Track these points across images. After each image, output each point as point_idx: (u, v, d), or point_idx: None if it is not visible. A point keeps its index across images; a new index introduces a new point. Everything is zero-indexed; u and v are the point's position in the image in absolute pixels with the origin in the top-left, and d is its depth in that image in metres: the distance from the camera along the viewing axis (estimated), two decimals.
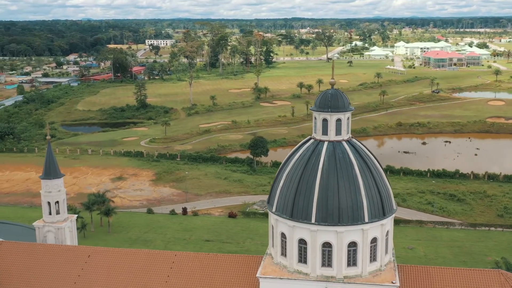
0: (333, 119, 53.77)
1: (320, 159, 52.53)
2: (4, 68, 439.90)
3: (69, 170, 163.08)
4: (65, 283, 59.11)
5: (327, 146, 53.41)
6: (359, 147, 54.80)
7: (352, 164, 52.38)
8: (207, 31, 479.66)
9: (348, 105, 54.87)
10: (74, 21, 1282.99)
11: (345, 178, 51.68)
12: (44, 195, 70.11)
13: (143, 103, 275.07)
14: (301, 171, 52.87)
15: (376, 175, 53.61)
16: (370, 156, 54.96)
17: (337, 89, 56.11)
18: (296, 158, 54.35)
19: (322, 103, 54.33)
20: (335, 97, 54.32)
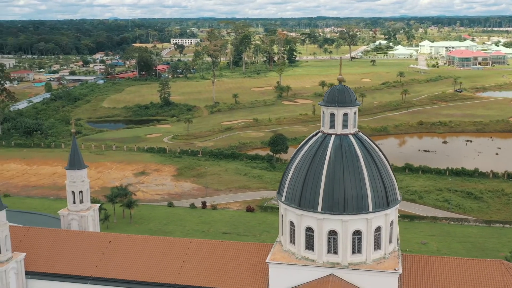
0: (340, 114, 56.43)
1: (327, 152, 55.26)
2: (33, 66, 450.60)
3: (94, 165, 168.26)
4: (87, 266, 62.97)
5: (334, 139, 56.10)
6: (365, 141, 57.31)
7: (357, 156, 54.97)
8: (231, 30, 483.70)
9: (355, 100, 57.45)
10: (101, 20, 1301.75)
11: (350, 169, 54.32)
12: (69, 185, 74.21)
13: (166, 101, 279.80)
14: (309, 162, 55.70)
15: (381, 167, 56.07)
16: (375, 149, 57.43)
17: (345, 85, 58.54)
18: (304, 150, 57.21)
19: (330, 98, 57.04)
20: (342, 92, 56.96)
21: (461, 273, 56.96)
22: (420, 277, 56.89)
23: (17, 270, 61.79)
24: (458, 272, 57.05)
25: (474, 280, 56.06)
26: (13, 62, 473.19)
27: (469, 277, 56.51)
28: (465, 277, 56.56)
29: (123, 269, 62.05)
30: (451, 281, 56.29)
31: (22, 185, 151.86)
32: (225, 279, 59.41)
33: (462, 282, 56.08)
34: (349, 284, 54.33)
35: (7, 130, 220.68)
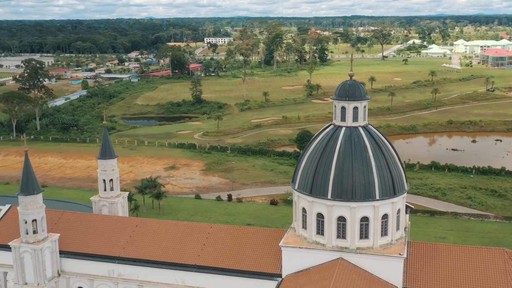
0: (351, 107, 59.90)
1: (338, 143, 58.86)
2: (71, 64, 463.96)
3: (126, 159, 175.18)
4: (115, 247, 68.10)
5: (344, 131, 59.64)
6: (374, 133, 60.62)
7: (366, 147, 58.38)
8: (263, 29, 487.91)
9: (365, 94, 60.81)
10: (137, 19, 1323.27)
11: (359, 159, 57.78)
12: (100, 173, 79.62)
13: (198, 99, 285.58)
14: (320, 153, 59.40)
15: (389, 158, 59.30)
16: (384, 142, 60.68)
17: (355, 80, 61.92)
18: (316, 141, 60.95)
19: (341, 93, 60.60)
20: (353, 87, 60.40)
21: (465, 260, 59.70)
22: (425, 263, 59.86)
23: (52, 249, 67.30)
24: (462, 259, 59.80)
25: (477, 266, 58.75)
26: (52, 60, 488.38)
27: (473, 263, 59.20)
28: (469, 263, 59.27)
29: (148, 250, 66.92)
30: (455, 267, 59.08)
31: (59, 177, 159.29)
32: (241, 262, 63.59)
33: (465, 268, 58.82)
34: (356, 268, 57.79)
35: (45, 126, 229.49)
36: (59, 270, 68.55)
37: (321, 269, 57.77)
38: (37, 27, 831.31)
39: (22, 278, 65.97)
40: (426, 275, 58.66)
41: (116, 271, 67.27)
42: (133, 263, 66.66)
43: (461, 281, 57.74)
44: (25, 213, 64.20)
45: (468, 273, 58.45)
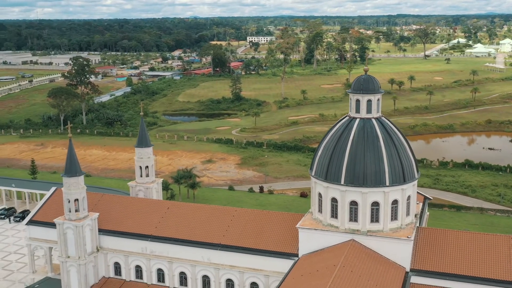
0: (365, 100, 64.31)
1: (352, 133, 63.44)
2: (116, 62, 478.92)
3: (166, 153, 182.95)
4: (148, 226, 74.60)
5: (358, 122, 64.15)
6: (387, 125, 64.86)
7: (378, 137, 62.72)
8: (304, 28, 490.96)
9: (378, 88, 65.05)
10: (181, 19, 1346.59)
11: (370, 148, 62.17)
12: (137, 161, 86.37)
13: (237, 96, 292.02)
14: (335, 142, 64.11)
15: (400, 148, 63.47)
16: (396, 133, 64.86)
17: (370, 75, 66.22)
18: (333, 131, 65.70)
19: (356, 86, 65.07)
20: (367, 81, 64.76)
21: (472, 245, 63.31)
22: (433, 247, 63.73)
23: (92, 226, 74.28)
24: (469, 244, 63.43)
25: (482, 251, 62.27)
26: (99, 58, 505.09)
27: (479, 248, 62.76)
28: (475, 248, 62.87)
29: (177, 230, 73.09)
30: (462, 251, 62.76)
31: (102, 168, 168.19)
32: (262, 242, 68.98)
33: (471, 252, 62.43)
34: (367, 249, 62.21)
35: (91, 120, 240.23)
36: (98, 246, 75.53)
37: (334, 249, 62.43)
38: (85, 26, 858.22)
39: (65, 252, 73.17)
40: (433, 258, 62.55)
41: (149, 248, 73.74)
42: (164, 241, 72.95)
43: (466, 264, 61.40)
44: (69, 193, 71.34)
45: (473, 257, 62.06)
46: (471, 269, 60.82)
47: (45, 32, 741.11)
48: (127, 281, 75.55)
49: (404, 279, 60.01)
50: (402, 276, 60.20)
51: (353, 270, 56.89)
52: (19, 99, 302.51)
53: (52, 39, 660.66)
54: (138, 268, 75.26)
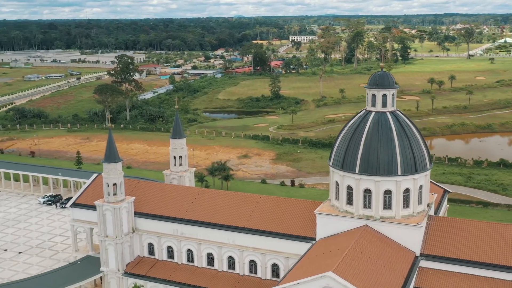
0: (380, 94, 68.50)
1: (367, 125, 67.78)
2: (160, 61, 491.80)
3: (204, 148, 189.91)
4: (180, 210, 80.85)
5: (373, 115, 68.41)
6: (401, 118, 68.89)
7: (391, 129, 66.84)
8: (345, 27, 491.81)
9: (393, 84, 69.11)
10: (226, 18, 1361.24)
11: (384, 140, 66.35)
12: (171, 151, 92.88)
13: (276, 94, 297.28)
14: (351, 133, 68.59)
15: (412, 140, 67.38)
16: (410, 126, 68.82)
17: (386, 71, 70.32)
18: (350, 124, 70.20)
19: (372, 82, 69.34)
20: (382, 77, 68.94)
21: (481, 233, 66.59)
22: (444, 234, 67.35)
23: (128, 209, 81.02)
24: (479, 233, 66.74)
25: (490, 239, 65.51)
26: (143, 57, 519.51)
27: (487, 237, 66.01)
28: (484, 237, 66.14)
29: (206, 214, 79.03)
30: (471, 239, 66.17)
31: (143, 161, 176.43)
32: (283, 226, 74.11)
33: (480, 240, 65.76)
34: (379, 234, 66.41)
35: (135, 116, 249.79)
36: (134, 227, 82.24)
37: (348, 233, 66.89)
38: (132, 25, 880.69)
39: (104, 231, 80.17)
40: (443, 245, 66.23)
41: (180, 230, 79.91)
42: (193, 224, 78.98)
43: (474, 250, 64.83)
44: (108, 177, 78.27)
45: (482, 244, 65.41)
46: (479, 255, 64.19)
47: (93, 31, 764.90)
48: (159, 261, 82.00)
49: (413, 262, 63.97)
50: (412, 260, 64.17)
51: (364, 251, 61.26)
52: (68, 96, 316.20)
53: (99, 38, 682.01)
54: (170, 248, 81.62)
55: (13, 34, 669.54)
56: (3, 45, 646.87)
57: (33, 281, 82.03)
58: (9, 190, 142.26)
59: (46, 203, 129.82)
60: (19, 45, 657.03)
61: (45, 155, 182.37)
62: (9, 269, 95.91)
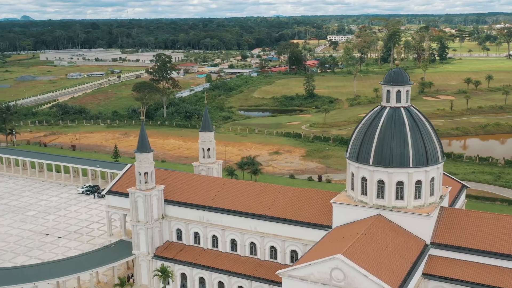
0: (394, 91, 72.15)
1: (381, 119, 71.52)
2: (198, 60, 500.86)
3: (236, 144, 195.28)
4: (206, 198, 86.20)
5: (388, 111, 72.09)
6: (415, 113, 72.36)
7: (404, 124, 70.37)
8: (383, 27, 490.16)
9: (408, 80, 72.63)
10: (264, 18, 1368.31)
11: (397, 133, 69.94)
12: (200, 143, 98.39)
13: (310, 93, 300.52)
14: (366, 127, 72.45)
15: (425, 134, 70.74)
16: (423, 121, 72.20)
17: (400, 68, 73.78)
18: (365, 119, 74.04)
19: (387, 78, 73.03)
20: (397, 74, 72.61)
21: (491, 225, 69.44)
22: (454, 225, 70.53)
23: (158, 196, 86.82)
24: (488, 224, 69.61)
25: (500, 230, 68.32)
26: (182, 56, 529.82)
27: (497, 228, 68.84)
28: (493, 228, 68.98)
29: (230, 202, 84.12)
30: (479, 229, 69.16)
31: (177, 156, 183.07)
32: (302, 214, 78.55)
33: (489, 231, 68.64)
34: (391, 222, 70.02)
35: (171, 114, 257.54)
36: (163, 214, 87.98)
37: (361, 221, 70.70)
38: (171, 25, 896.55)
39: (136, 217, 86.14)
40: (453, 234, 69.45)
41: (206, 217, 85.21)
42: (218, 211, 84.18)
43: (483, 240, 67.79)
44: (140, 166, 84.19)
45: (490, 234, 68.33)
46: (488, 245, 67.16)
47: (134, 31, 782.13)
48: (186, 245, 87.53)
49: (422, 250, 67.41)
50: (421, 248, 67.63)
51: (374, 238, 65.07)
52: (108, 93, 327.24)
53: (140, 38, 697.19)
54: (196, 234, 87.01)
55: (58, 34, 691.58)
56: (48, 44, 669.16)
57: (72, 261, 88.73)
58: (51, 181, 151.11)
59: (84, 193, 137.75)
60: (63, 44, 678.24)
61: (85, 149, 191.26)
62: (49, 252, 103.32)
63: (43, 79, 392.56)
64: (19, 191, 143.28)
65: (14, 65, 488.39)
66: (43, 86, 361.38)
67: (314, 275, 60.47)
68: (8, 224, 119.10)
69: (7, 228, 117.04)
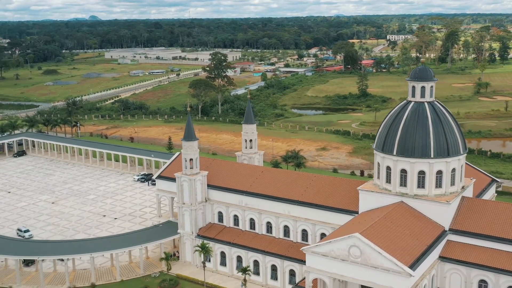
0: (419, 86, 77.18)
1: (405, 113, 76.72)
2: (255, 59, 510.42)
3: (286, 140, 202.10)
4: (245, 184, 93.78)
5: (412, 105, 77.24)
6: (438, 108, 77.13)
7: (427, 117, 75.31)
8: (442, 26, 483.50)
9: (432, 77, 77.46)
10: (325, 17, 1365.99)
11: (420, 126, 74.98)
12: (243, 135, 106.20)
13: (364, 92, 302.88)
14: (392, 120, 77.86)
15: (447, 127, 75.44)
16: (446, 115, 76.83)
17: (425, 65, 78.63)
18: (391, 113, 79.42)
19: (412, 75, 78.15)
20: (421, 71, 77.66)
21: (508, 214, 73.32)
22: (473, 213, 74.85)
23: (202, 181, 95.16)
24: (505, 213, 73.53)
25: None
26: (239, 54, 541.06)
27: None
28: (510, 217, 72.79)
29: (267, 188, 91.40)
30: (497, 218, 73.16)
31: (228, 149, 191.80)
32: (332, 200, 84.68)
33: (505, 220, 72.61)
34: (413, 209, 75.11)
35: (226, 110, 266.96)
36: (206, 197, 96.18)
37: (385, 207, 76.10)
38: (231, 25, 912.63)
39: (182, 199, 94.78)
40: (471, 221, 73.85)
41: (244, 201, 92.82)
42: (256, 196, 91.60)
43: (499, 227, 71.85)
44: (186, 153, 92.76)
45: (506, 223, 72.27)
46: (504, 232, 71.15)
47: (195, 30, 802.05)
48: (227, 227, 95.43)
49: (440, 234, 72.21)
50: (439, 232, 72.46)
51: (393, 221, 70.52)
52: (167, 90, 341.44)
53: (200, 37, 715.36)
54: (236, 217, 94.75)
55: (122, 33, 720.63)
56: (113, 43, 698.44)
57: (124, 237, 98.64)
58: (110, 169, 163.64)
59: (139, 180, 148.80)
60: (127, 43, 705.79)
61: (143, 141, 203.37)
62: (106, 230, 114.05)
63: (107, 76, 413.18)
64: (81, 177, 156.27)
65: (81, 63, 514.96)
66: (107, 83, 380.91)
67: (334, 252, 66.65)
68: (71, 206, 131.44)
69: (70, 209, 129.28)
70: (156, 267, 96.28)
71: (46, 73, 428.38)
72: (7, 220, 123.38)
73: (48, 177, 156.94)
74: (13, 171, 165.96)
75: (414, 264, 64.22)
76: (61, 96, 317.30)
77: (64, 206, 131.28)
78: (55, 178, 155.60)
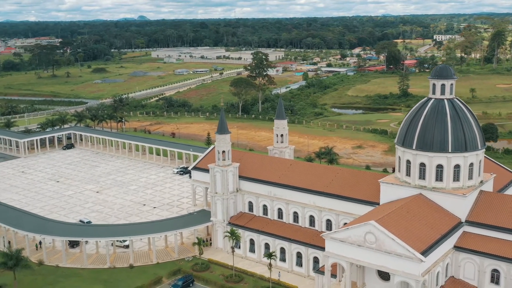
0: (439, 84, 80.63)
1: (425, 109, 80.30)
2: (298, 58, 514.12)
3: (322, 138, 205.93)
4: (274, 176, 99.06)
5: (432, 102, 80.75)
6: (457, 105, 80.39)
7: (446, 114, 78.71)
8: (489, 26, 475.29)
9: (452, 75, 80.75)
10: (371, 17, 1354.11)
11: (438, 122, 78.44)
12: (275, 130, 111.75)
13: (404, 92, 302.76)
14: (412, 116, 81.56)
15: (465, 124, 78.65)
16: (465, 112, 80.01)
17: (446, 64, 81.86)
18: (412, 109, 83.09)
19: (433, 73, 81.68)
20: (442, 69, 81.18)
21: None
22: (490, 207, 77.77)
23: (233, 172, 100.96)
24: None
25: None
26: (282, 54, 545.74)
27: None
28: None
29: (294, 180, 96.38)
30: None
31: (264, 146, 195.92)
32: (355, 192, 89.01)
33: None
34: (430, 201, 78.62)
35: (266, 109, 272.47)
36: (238, 188, 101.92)
37: (404, 199, 79.91)
38: (276, 24, 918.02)
39: (214, 189, 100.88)
40: (487, 214, 76.84)
41: (273, 192, 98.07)
42: (284, 187, 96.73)
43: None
44: (219, 145, 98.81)
45: None
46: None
47: (240, 30, 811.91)
48: (256, 216, 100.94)
49: (455, 225, 75.52)
50: (454, 223, 75.79)
51: (410, 211, 74.35)
52: (210, 88, 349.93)
53: (244, 37, 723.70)
54: (265, 207, 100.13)
55: (169, 33, 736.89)
56: (159, 42, 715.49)
57: (161, 223, 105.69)
58: (152, 162, 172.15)
59: (178, 173, 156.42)
60: (173, 42, 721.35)
61: (184, 137, 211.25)
62: (145, 218, 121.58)
63: (153, 74, 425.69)
64: (124, 169, 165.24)
65: (128, 62, 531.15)
66: (152, 81, 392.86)
67: (351, 238, 71.09)
68: (114, 195, 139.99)
69: (113, 198, 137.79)
70: (189, 252, 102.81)
71: (95, 71, 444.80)
72: (55, 206, 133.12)
73: (93, 169, 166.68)
74: (61, 162, 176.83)
75: (427, 251, 67.94)
76: (109, 93, 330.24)
77: (107, 195, 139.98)
78: (100, 170, 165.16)
